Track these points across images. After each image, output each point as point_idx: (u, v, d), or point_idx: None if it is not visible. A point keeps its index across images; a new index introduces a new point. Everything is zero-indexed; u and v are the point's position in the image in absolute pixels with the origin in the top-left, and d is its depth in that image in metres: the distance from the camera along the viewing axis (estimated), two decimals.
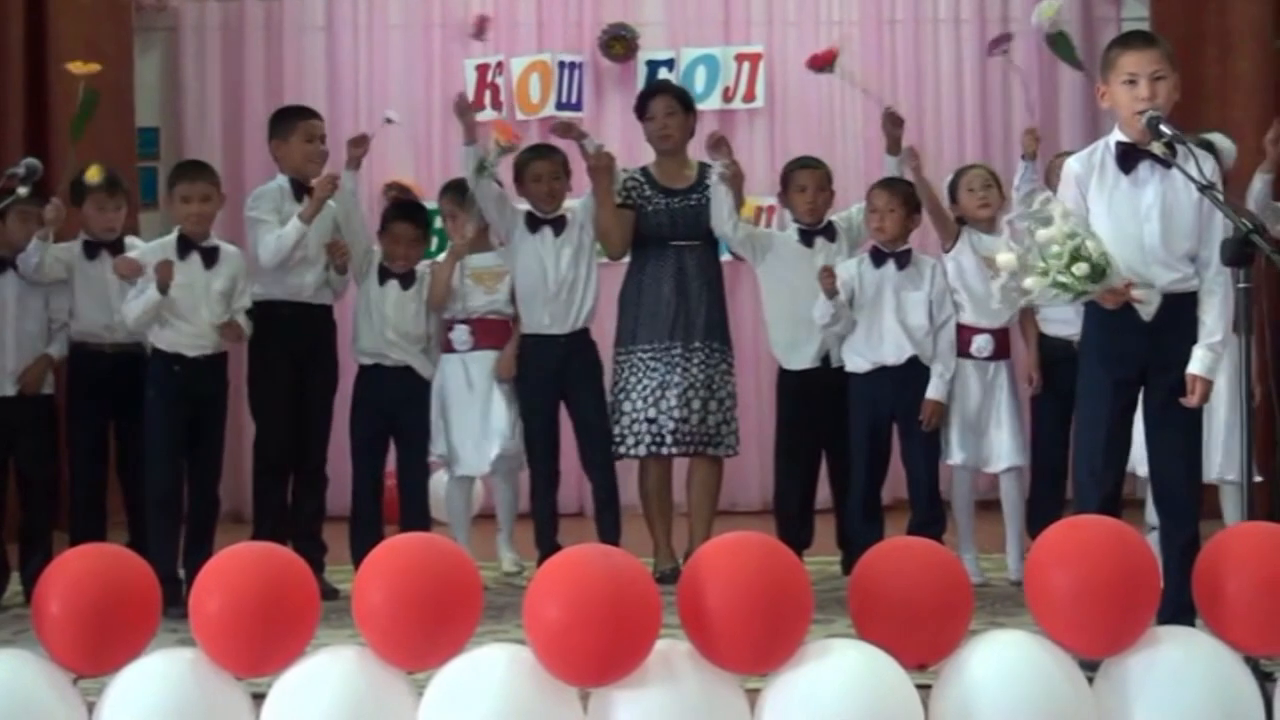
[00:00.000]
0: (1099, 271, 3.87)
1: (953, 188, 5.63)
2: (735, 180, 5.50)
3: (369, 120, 7.84)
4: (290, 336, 5.42)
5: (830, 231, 5.62)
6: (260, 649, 3.00)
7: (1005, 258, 4.08)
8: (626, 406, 5.54)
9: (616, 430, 5.55)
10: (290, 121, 5.54)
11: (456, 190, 5.71)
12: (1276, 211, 5.59)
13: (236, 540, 3.29)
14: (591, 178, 5.60)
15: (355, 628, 3.01)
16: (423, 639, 2.97)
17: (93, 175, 5.26)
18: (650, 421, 5.49)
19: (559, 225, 5.61)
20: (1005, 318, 5.49)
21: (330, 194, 5.32)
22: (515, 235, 5.62)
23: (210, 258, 5.26)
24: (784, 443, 5.68)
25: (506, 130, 5.64)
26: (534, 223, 5.61)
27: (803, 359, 5.57)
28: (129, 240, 5.53)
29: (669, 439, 5.49)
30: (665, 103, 5.72)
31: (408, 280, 5.55)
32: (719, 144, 5.54)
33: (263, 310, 5.39)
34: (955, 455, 5.48)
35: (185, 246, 5.25)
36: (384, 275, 5.54)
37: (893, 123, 5.62)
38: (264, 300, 5.40)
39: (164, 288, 5.06)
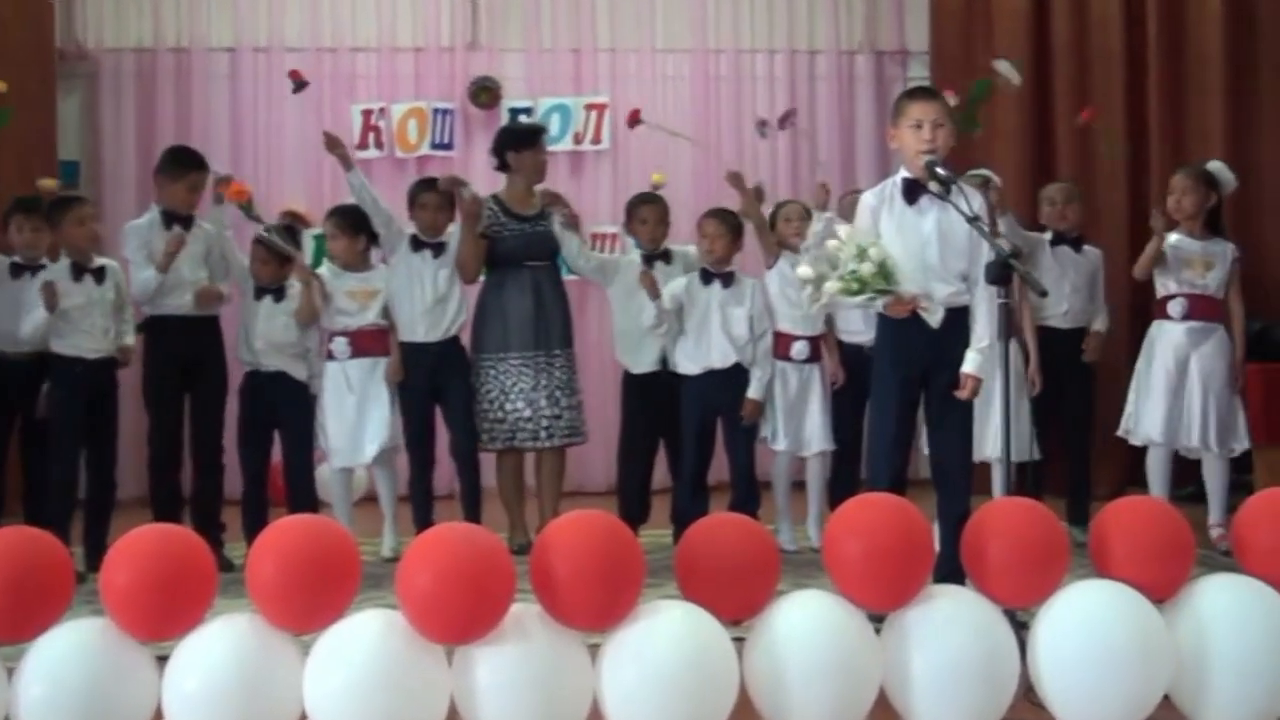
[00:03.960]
0: (886, 269, 3.92)
1: (773, 218, 5.66)
2: (575, 223, 5.61)
3: (268, 156, 7.72)
4: (177, 344, 5.37)
5: (668, 256, 5.66)
6: (163, 617, 2.91)
7: (804, 270, 4.12)
8: (508, 406, 5.49)
9: (498, 427, 5.51)
10: (183, 169, 5.43)
11: (339, 214, 5.64)
12: (1026, 238, 5.69)
13: (140, 522, 3.18)
14: (463, 219, 5.57)
15: (250, 597, 2.94)
16: (308, 605, 2.90)
17: (46, 185, 5.36)
18: (528, 420, 5.48)
19: (438, 249, 5.57)
20: (819, 326, 5.56)
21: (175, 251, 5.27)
22: (399, 252, 5.57)
23: (99, 276, 5.25)
24: (627, 435, 5.69)
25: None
26: (418, 244, 5.57)
27: (644, 363, 5.59)
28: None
29: (543, 434, 5.52)
30: (544, 143, 5.79)
31: (279, 295, 5.45)
32: (555, 200, 5.62)
33: (153, 323, 5.36)
34: (780, 442, 5.53)
35: (77, 270, 5.23)
36: (259, 292, 5.43)
37: (735, 182, 5.59)
38: (154, 315, 5.36)
39: (51, 307, 5.05)
